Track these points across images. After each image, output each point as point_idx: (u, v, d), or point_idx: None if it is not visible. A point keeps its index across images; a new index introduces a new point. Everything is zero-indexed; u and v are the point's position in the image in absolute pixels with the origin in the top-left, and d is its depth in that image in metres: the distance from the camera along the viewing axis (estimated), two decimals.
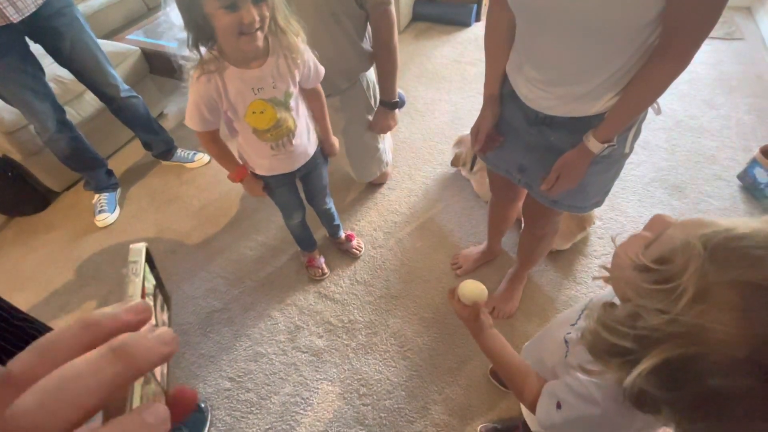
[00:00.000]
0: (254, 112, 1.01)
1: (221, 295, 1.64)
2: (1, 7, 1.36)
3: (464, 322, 0.73)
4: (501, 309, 1.46)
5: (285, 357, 1.45)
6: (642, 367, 0.35)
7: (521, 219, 1.38)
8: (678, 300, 0.34)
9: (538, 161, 0.95)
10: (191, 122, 1.00)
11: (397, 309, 1.54)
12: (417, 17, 3.09)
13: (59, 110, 1.70)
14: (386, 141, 1.81)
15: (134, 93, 1.89)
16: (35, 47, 1.57)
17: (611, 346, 0.39)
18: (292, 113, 1.07)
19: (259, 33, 0.88)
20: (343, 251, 1.72)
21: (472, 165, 1.79)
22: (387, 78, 1.44)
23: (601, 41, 0.70)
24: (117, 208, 1.99)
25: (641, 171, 1.91)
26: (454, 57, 2.75)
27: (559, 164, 0.88)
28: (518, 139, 0.98)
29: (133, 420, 0.16)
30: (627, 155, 0.91)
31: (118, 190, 2.06)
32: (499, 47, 0.91)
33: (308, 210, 1.47)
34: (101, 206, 1.95)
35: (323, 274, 1.64)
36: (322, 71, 1.11)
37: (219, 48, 0.92)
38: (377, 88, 1.57)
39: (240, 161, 1.19)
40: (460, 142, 1.85)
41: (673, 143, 2.03)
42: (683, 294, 0.34)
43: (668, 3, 0.61)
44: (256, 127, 1.04)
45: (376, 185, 1.96)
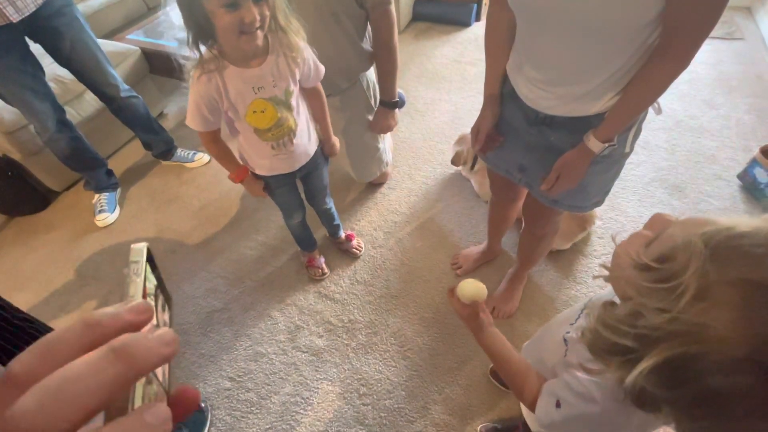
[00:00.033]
0: (255, 112, 1.01)
1: (221, 295, 1.64)
2: (1, 7, 1.36)
3: (464, 321, 0.73)
4: (501, 309, 1.46)
5: (285, 357, 1.45)
6: (643, 366, 0.35)
7: (521, 219, 1.38)
8: (679, 299, 0.34)
9: (539, 161, 0.95)
10: (192, 122, 1.00)
11: (397, 309, 1.54)
12: (417, 17, 3.09)
13: (59, 110, 1.70)
14: (386, 141, 1.81)
15: (134, 93, 1.89)
16: (35, 47, 1.57)
17: (612, 345, 0.39)
18: (293, 113, 1.07)
19: (259, 32, 0.88)
20: (343, 251, 1.72)
21: (473, 164, 1.79)
22: (387, 78, 1.44)
23: (601, 41, 0.70)
24: (117, 208, 1.99)
25: (641, 171, 1.91)
26: (454, 57, 2.75)
27: (560, 164, 0.88)
28: (518, 139, 0.98)
29: (135, 420, 0.16)
30: (627, 155, 0.91)
31: (118, 190, 2.06)
32: (500, 47, 0.91)
33: (308, 210, 1.47)
34: (101, 206, 1.95)
35: (323, 274, 1.64)
36: (323, 70, 1.11)
37: (219, 47, 0.92)
38: (377, 88, 1.57)
39: (241, 162, 1.19)
40: (462, 140, 1.84)
41: (673, 143, 2.03)
42: (684, 292, 0.34)
43: (668, 3, 0.61)
44: (257, 127, 1.04)
45: (376, 185, 1.96)
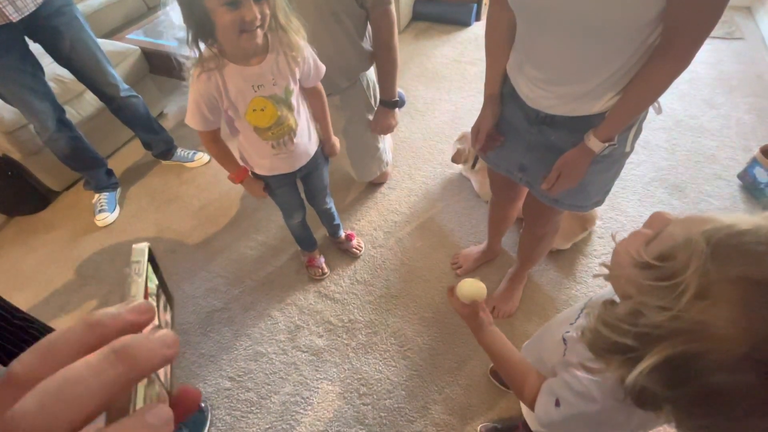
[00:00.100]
0: (255, 110, 1.00)
1: (221, 295, 1.64)
2: (1, 6, 1.36)
3: (464, 320, 0.73)
4: (501, 308, 1.46)
5: (285, 356, 1.45)
6: (644, 365, 0.35)
7: (522, 218, 1.38)
8: (680, 297, 0.34)
9: (539, 160, 0.95)
10: (192, 121, 1.00)
11: (397, 308, 1.54)
12: (417, 17, 3.09)
13: (59, 109, 1.70)
14: (386, 140, 1.81)
15: (134, 92, 1.89)
16: (35, 46, 1.57)
17: (612, 344, 0.39)
18: (294, 112, 1.07)
19: (259, 30, 0.88)
20: (343, 251, 1.72)
21: (475, 162, 1.78)
22: (387, 77, 1.44)
23: (602, 41, 0.70)
24: (117, 208, 1.99)
25: (641, 170, 1.91)
26: (454, 56, 2.75)
27: (560, 163, 0.88)
28: (519, 139, 0.98)
29: (137, 422, 0.16)
30: (628, 154, 0.91)
31: (118, 190, 2.05)
32: (500, 47, 0.91)
33: (308, 209, 1.47)
34: (101, 206, 1.95)
35: (323, 274, 1.64)
36: (323, 69, 1.11)
37: (219, 45, 0.92)
38: (377, 88, 1.57)
39: (241, 162, 1.19)
40: (464, 138, 1.82)
41: (673, 143, 2.03)
42: (685, 291, 0.34)
43: (669, 3, 0.61)
44: (257, 125, 1.04)
45: (376, 185, 1.96)
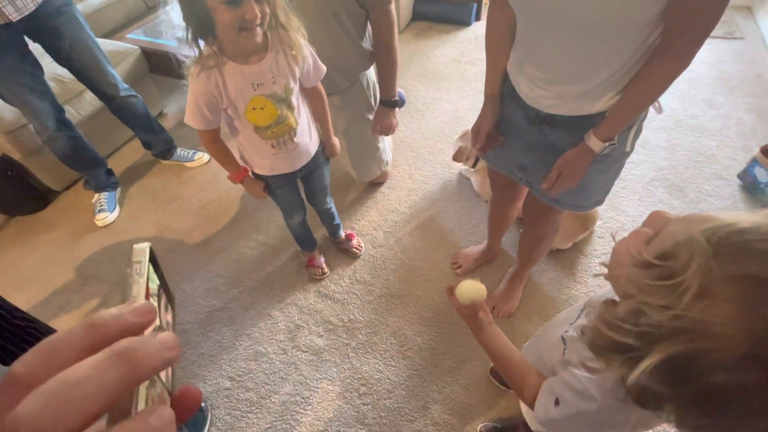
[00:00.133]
0: (254, 109, 1.00)
1: (221, 295, 1.64)
2: (0, 6, 1.36)
3: (464, 320, 0.73)
4: (501, 308, 1.46)
5: (285, 356, 1.45)
6: (646, 364, 0.34)
7: (522, 218, 1.38)
8: (682, 296, 0.34)
9: (539, 160, 0.95)
10: (192, 120, 0.99)
11: (397, 308, 1.54)
12: (417, 16, 3.09)
13: (58, 109, 1.70)
14: (386, 140, 1.81)
15: (133, 92, 1.89)
16: (34, 46, 1.57)
17: (613, 343, 0.39)
18: (294, 111, 1.07)
19: (259, 29, 0.88)
20: (343, 250, 1.72)
21: (476, 161, 1.77)
22: (387, 77, 1.44)
23: (602, 40, 0.70)
24: (117, 208, 1.99)
25: (641, 170, 1.91)
26: (454, 56, 2.75)
27: (560, 163, 0.88)
28: (519, 138, 0.98)
29: (139, 424, 0.16)
30: (628, 154, 0.91)
31: (118, 190, 2.05)
32: (500, 46, 0.91)
33: (308, 209, 1.47)
34: (101, 205, 1.94)
35: (323, 274, 1.64)
36: (323, 69, 1.10)
37: (218, 43, 0.92)
38: (377, 88, 1.57)
39: (241, 161, 1.18)
40: (465, 136, 1.80)
41: (674, 142, 2.03)
42: (687, 290, 0.34)
43: (669, 3, 0.61)
44: (257, 124, 1.04)
45: (376, 184, 1.96)
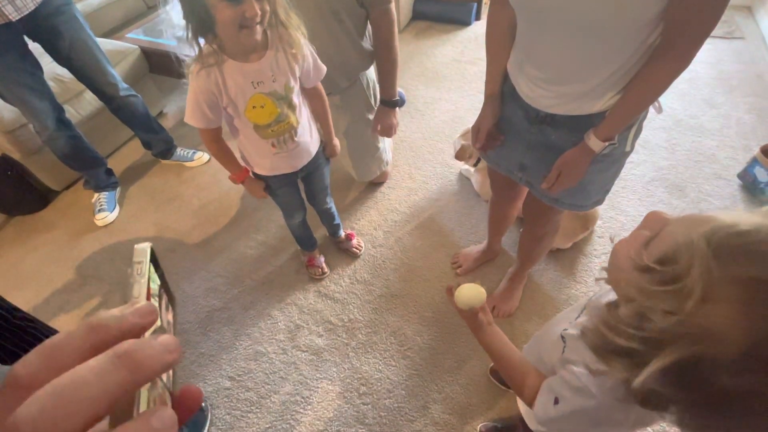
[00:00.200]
0: (254, 107, 1.00)
1: (221, 294, 1.64)
2: (0, 6, 1.36)
3: (464, 319, 0.73)
4: (501, 308, 1.46)
5: (285, 356, 1.45)
6: (652, 369, 0.34)
7: (522, 217, 1.37)
8: (685, 301, 0.33)
9: (539, 160, 0.95)
10: (192, 119, 0.99)
11: (397, 308, 1.54)
12: (417, 16, 3.09)
13: (58, 109, 1.70)
14: (386, 140, 1.80)
15: (133, 92, 1.88)
16: (34, 46, 1.57)
17: (616, 347, 0.38)
18: (295, 110, 1.07)
19: (259, 27, 0.87)
20: (343, 250, 1.72)
21: (478, 160, 1.77)
22: (387, 77, 1.44)
23: (602, 40, 0.70)
24: (116, 207, 1.99)
25: (641, 170, 1.91)
26: (454, 56, 2.75)
27: (560, 162, 0.88)
28: (519, 138, 0.98)
29: (140, 426, 0.16)
30: (628, 154, 0.91)
31: (118, 189, 2.05)
32: (500, 46, 0.91)
33: (308, 209, 1.47)
34: (101, 205, 1.94)
35: (323, 274, 1.64)
36: (323, 69, 1.10)
37: (218, 41, 0.91)
38: (377, 87, 1.57)
39: (242, 162, 1.18)
40: (467, 135, 1.78)
41: (673, 142, 2.03)
42: (690, 295, 0.33)
43: (669, 2, 0.61)
44: (257, 123, 1.03)
45: (376, 184, 1.96)
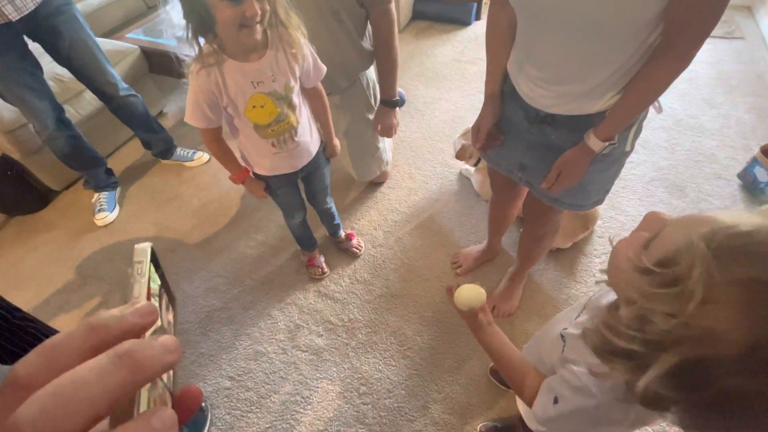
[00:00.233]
0: (254, 107, 1.00)
1: (221, 294, 1.64)
2: (0, 6, 1.35)
3: (464, 319, 0.73)
4: (501, 308, 1.46)
5: (285, 356, 1.45)
6: (655, 372, 0.34)
7: (522, 217, 1.37)
8: (687, 303, 0.33)
9: (539, 159, 0.95)
10: (192, 118, 0.99)
11: (397, 308, 1.54)
12: (417, 16, 3.09)
13: (58, 109, 1.69)
14: (386, 140, 1.81)
15: (133, 92, 1.88)
16: (34, 45, 1.57)
17: (618, 349, 0.38)
18: (295, 110, 1.07)
19: (259, 26, 0.87)
20: (343, 250, 1.72)
21: (478, 160, 1.77)
22: (387, 77, 1.44)
23: (602, 40, 0.70)
24: (116, 207, 1.99)
25: (641, 170, 1.91)
26: (454, 56, 2.75)
27: (560, 162, 0.88)
28: (519, 138, 0.98)
29: (140, 426, 0.16)
30: (628, 154, 0.91)
31: (118, 189, 2.05)
32: (500, 45, 0.91)
33: (308, 209, 1.47)
34: (101, 205, 1.94)
35: (323, 273, 1.64)
36: (324, 69, 1.10)
37: (218, 41, 0.91)
38: (377, 87, 1.57)
39: (242, 162, 1.18)
40: (467, 134, 1.78)
41: (673, 142, 2.03)
42: (692, 297, 0.33)
43: (669, 3, 0.61)
44: (257, 122, 1.03)
45: (376, 184, 1.96)
